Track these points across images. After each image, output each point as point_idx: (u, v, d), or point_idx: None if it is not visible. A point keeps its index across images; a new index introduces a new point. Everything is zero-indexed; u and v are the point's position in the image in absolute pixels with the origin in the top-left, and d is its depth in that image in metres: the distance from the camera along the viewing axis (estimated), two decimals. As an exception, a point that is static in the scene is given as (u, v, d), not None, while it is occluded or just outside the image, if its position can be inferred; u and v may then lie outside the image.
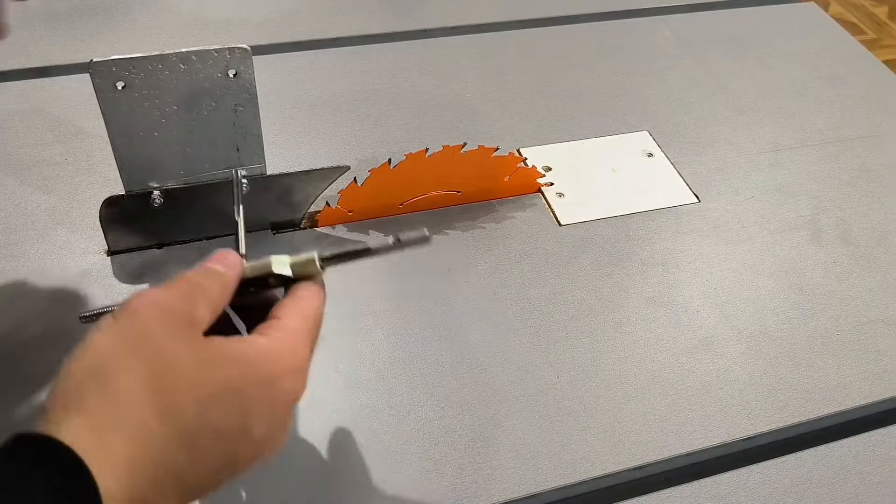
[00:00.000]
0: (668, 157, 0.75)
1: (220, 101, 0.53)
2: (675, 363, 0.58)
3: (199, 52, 0.50)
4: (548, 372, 0.56)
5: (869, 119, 0.82)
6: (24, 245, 0.61)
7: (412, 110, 0.77)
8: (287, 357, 0.34)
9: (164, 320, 0.32)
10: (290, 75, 0.80)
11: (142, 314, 0.32)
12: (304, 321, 0.36)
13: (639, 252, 0.65)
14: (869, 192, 0.73)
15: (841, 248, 0.68)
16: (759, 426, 0.54)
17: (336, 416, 0.52)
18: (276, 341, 0.35)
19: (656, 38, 0.90)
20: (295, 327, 0.36)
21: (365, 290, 0.60)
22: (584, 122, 0.78)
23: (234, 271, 0.37)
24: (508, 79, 0.82)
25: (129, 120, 0.52)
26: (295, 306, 0.37)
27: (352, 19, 0.89)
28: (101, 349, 0.32)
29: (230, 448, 0.33)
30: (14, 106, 0.72)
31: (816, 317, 0.62)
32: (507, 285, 0.62)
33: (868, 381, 0.58)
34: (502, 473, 0.50)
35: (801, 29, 0.94)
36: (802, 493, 0.51)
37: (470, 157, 0.63)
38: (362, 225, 0.65)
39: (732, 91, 0.84)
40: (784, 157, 0.76)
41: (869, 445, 0.54)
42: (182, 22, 0.85)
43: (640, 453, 0.52)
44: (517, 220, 0.67)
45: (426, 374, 0.55)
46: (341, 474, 0.50)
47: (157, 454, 0.30)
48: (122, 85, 0.50)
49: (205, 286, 0.35)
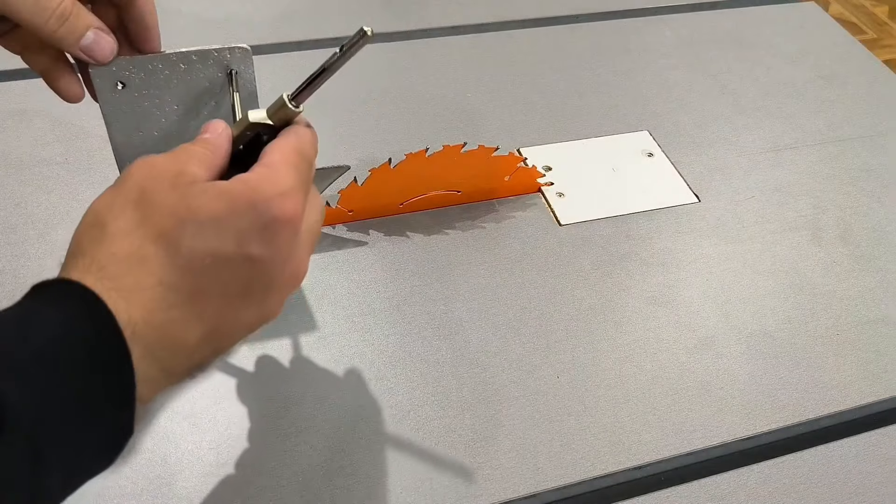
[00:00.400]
0: (668, 157, 0.75)
1: (221, 100, 0.53)
2: (675, 363, 0.58)
3: (200, 52, 0.50)
4: (548, 372, 0.56)
5: (869, 119, 0.82)
6: (24, 245, 0.61)
7: (412, 110, 0.77)
8: (269, 184, 0.35)
9: (154, 175, 0.35)
10: (290, 75, 0.80)
11: (133, 174, 0.35)
12: (283, 154, 0.37)
13: (639, 252, 0.65)
14: (869, 191, 0.73)
15: (841, 248, 0.68)
16: (759, 426, 0.54)
17: (336, 415, 0.52)
18: (257, 175, 0.36)
19: (656, 38, 0.90)
20: (275, 160, 0.37)
21: (365, 290, 0.60)
22: (584, 122, 0.78)
23: (220, 134, 0.39)
24: (508, 79, 0.82)
25: (129, 120, 0.52)
26: (275, 145, 0.38)
27: (352, 19, 0.89)
28: (99, 206, 0.34)
29: (233, 272, 0.34)
30: (14, 106, 0.72)
31: (816, 317, 0.62)
32: (507, 285, 0.62)
33: (868, 381, 0.58)
34: (502, 473, 0.50)
35: (801, 29, 0.94)
36: (802, 493, 0.51)
37: (470, 156, 0.63)
38: (362, 224, 0.65)
39: (732, 91, 0.84)
40: (784, 156, 0.76)
41: (869, 445, 0.54)
42: (182, 22, 0.85)
43: (640, 453, 0.52)
44: (517, 220, 0.67)
45: (426, 374, 0.55)
46: (342, 473, 0.50)
47: (160, 276, 0.32)
48: (122, 85, 0.50)
49: (193, 149, 0.37)
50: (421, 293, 0.60)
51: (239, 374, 0.54)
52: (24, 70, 0.46)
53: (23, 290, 0.32)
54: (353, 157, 0.71)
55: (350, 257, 0.62)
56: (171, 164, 0.35)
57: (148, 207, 0.33)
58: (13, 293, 0.58)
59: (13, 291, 0.58)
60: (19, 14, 0.39)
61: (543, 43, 0.88)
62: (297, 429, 0.52)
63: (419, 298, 0.60)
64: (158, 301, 0.32)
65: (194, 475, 0.49)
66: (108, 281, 0.32)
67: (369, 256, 0.63)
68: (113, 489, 0.47)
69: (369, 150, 0.72)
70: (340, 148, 0.72)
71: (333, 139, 0.73)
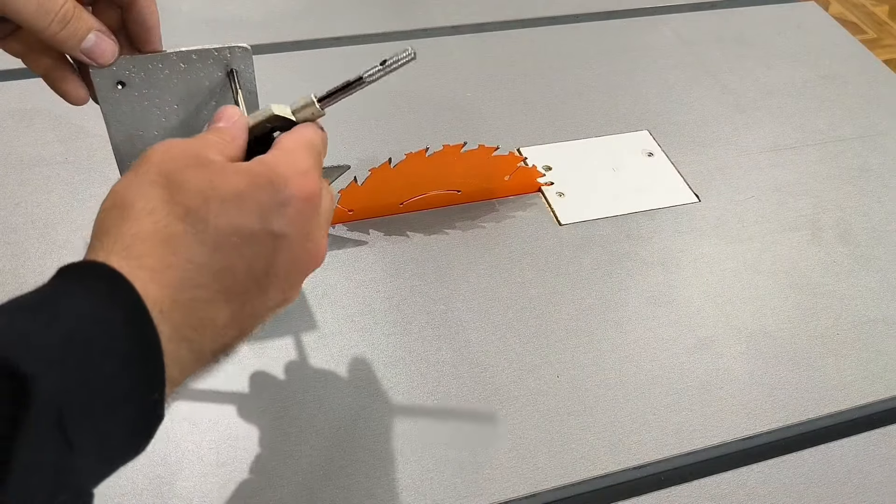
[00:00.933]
0: (669, 157, 0.75)
1: (221, 100, 0.53)
2: (675, 363, 0.58)
3: (200, 51, 0.50)
4: (548, 372, 0.56)
5: (869, 119, 0.82)
6: (24, 245, 0.61)
7: (412, 110, 0.77)
8: (289, 165, 0.36)
9: (174, 156, 0.35)
10: (290, 75, 0.80)
11: (151, 157, 0.35)
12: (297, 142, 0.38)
13: (639, 252, 0.65)
14: (869, 191, 0.73)
15: (841, 248, 0.68)
16: (759, 426, 0.54)
17: (336, 415, 0.52)
18: (275, 156, 0.37)
19: (656, 38, 0.90)
20: (291, 145, 0.38)
21: (365, 290, 0.60)
22: (584, 122, 0.78)
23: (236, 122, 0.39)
24: (508, 78, 0.82)
25: (130, 119, 0.52)
26: (289, 134, 0.39)
27: (352, 19, 0.89)
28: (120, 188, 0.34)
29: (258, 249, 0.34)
30: (14, 106, 0.72)
31: (816, 316, 0.62)
32: (507, 285, 0.62)
33: (868, 380, 0.58)
34: (502, 473, 0.50)
35: (801, 28, 0.94)
36: (802, 493, 0.51)
37: (470, 156, 0.63)
38: (362, 224, 0.65)
39: (733, 90, 0.84)
40: (784, 156, 0.76)
41: (869, 445, 0.54)
42: (182, 21, 0.85)
43: (640, 453, 0.52)
44: (517, 220, 0.67)
45: (426, 374, 0.55)
46: (342, 473, 0.50)
47: (188, 254, 0.32)
48: (122, 84, 0.50)
49: (209, 137, 0.37)
50: (421, 293, 0.60)
51: (239, 374, 0.54)
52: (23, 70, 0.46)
53: (23, 291, 0.32)
54: (353, 156, 0.71)
55: (350, 257, 0.63)
56: (188, 146, 0.36)
57: (172, 186, 0.33)
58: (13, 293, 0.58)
59: (13, 291, 0.58)
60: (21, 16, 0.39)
61: (543, 43, 0.88)
62: (297, 429, 0.52)
63: (419, 298, 0.60)
64: (186, 280, 0.32)
65: (194, 475, 0.49)
66: (135, 260, 0.31)
67: (369, 256, 0.63)
68: (113, 489, 0.47)
69: (369, 150, 0.72)
70: (340, 148, 0.72)
71: (333, 139, 0.72)
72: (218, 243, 0.33)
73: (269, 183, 0.35)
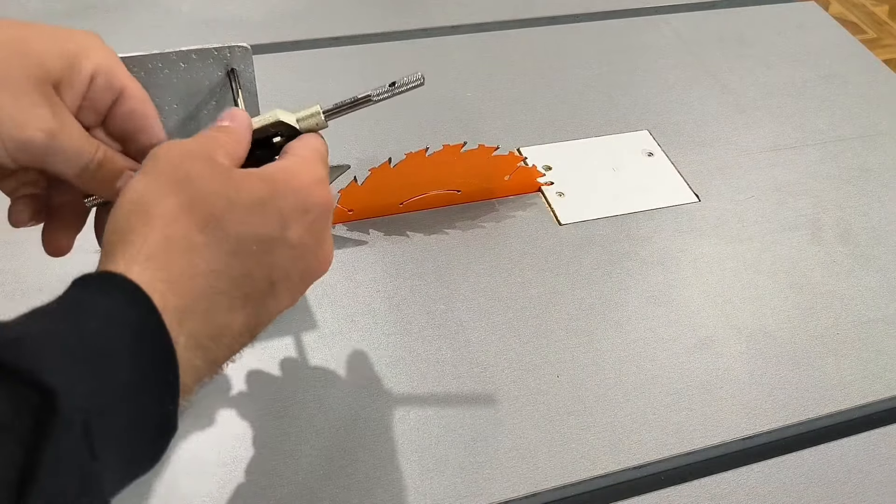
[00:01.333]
0: (669, 157, 0.75)
1: (221, 99, 0.53)
2: (674, 363, 0.58)
3: (200, 51, 0.50)
4: (548, 372, 0.56)
5: (869, 119, 0.82)
6: (24, 245, 0.60)
7: (412, 110, 0.77)
8: (306, 173, 0.37)
9: (187, 156, 0.35)
10: (289, 75, 0.80)
11: (162, 157, 0.34)
12: (310, 151, 0.39)
13: (639, 251, 0.65)
14: (869, 191, 0.73)
15: (841, 248, 0.68)
16: (759, 426, 0.54)
17: (336, 415, 0.52)
18: (292, 163, 0.37)
19: (656, 38, 0.90)
20: (306, 154, 0.39)
21: (365, 290, 0.60)
22: (584, 122, 0.78)
23: (243, 124, 0.39)
24: (508, 78, 0.82)
25: (129, 119, 0.52)
26: (300, 143, 0.40)
27: (352, 19, 0.89)
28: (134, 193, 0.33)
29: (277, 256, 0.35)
30: (14, 105, 0.72)
31: (816, 316, 0.62)
32: (507, 285, 0.62)
33: (868, 380, 0.58)
34: (502, 472, 0.50)
35: (801, 28, 0.94)
36: (802, 493, 0.51)
37: (470, 156, 0.63)
38: (362, 224, 0.65)
39: (733, 90, 0.84)
40: (784, 156, 0.76)
41: (869, 445, 0.54)
42: (182, 21, 0.85)
43: (640, 453, 0.52)
44: (517, 220, 0.67)
45: (426, 374, 0.55)
46: (342, 473, 0.50)
47: (209, 262, 0.32)
48: (122, 84, 0.50)
49: (219, 137, 0.37)
50: (421, 293, 0.60)
51: (239, 373, 0.54)
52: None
53: (23, 290, 0.32)
54: (353, 156, 0.71)
55: (350, 257, 0.62)
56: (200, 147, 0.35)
57: (192, 192, 0.33)
58: (13, 293, 0.58)
59: (13, 291, 0.58)
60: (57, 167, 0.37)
61: (543, 43, 0.88)
62: (297, 429, 0.51)
63: (419, 298, 0.60)
64: (207, 287, 0.32)
65: (194, 475, 0.49)
66: (157, 271, 0.31)
67: (369, 256, 0.63)
68: (113, 489, 0.47)
69: (369, 150, 0.72)
70: (340, 148, 0.72)
71: (333, 138, 0.72)
72: (238, 250, 0.33)
73: (290, 191, 0.35)
